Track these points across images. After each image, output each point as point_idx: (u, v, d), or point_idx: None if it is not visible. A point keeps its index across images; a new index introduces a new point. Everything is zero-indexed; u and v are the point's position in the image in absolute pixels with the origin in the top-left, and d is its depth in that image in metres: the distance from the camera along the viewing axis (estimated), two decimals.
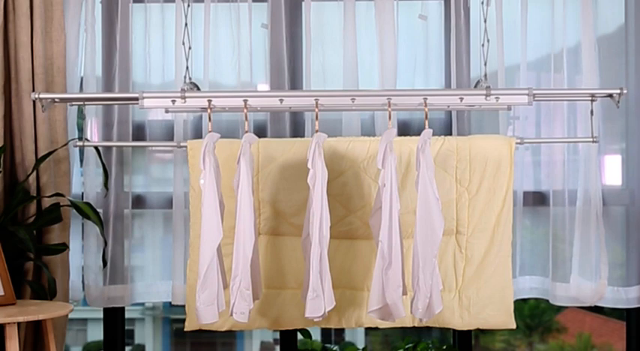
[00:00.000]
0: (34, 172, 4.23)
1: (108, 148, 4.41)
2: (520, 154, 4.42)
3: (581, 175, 4.41)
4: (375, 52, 4.43)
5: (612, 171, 4.55)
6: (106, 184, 4.29)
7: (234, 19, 4.45)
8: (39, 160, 4.18)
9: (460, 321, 4.18)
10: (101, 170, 4.27)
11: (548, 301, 4.48)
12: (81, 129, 4.35)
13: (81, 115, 4.28)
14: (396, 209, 3.68)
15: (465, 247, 4.16)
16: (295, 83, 4.50)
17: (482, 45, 4.23)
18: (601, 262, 4.39)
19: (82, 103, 4.20)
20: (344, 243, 4.16)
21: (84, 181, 4.46)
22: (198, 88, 4.29)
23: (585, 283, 4.41)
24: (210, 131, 3.78)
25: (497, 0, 4.38)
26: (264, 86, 4.51)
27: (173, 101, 3.91)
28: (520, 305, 7.62)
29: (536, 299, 4.59)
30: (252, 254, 3.69)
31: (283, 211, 4.15)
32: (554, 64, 4.44)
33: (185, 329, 4.19)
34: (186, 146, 4.20)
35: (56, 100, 4.11)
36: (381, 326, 4.18)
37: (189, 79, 4.25)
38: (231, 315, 3.71)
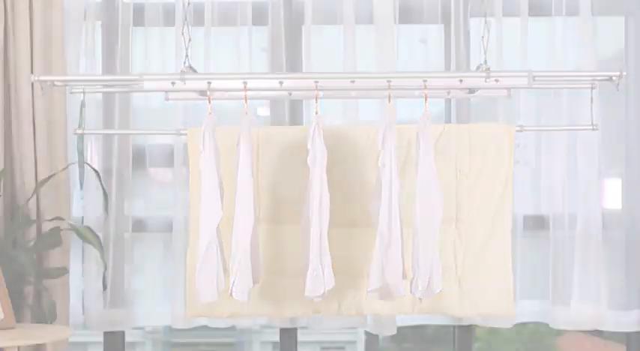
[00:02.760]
0: (34, 196, 4.22)
1: (108, 173, 4.42)
2: (520, 177, 4.42)
3: (581, 198, 4.41)
4: None
5: (612, 194, 4.55)
6: (106, 208, 4.28)
7: (234, 42, 4.46)
8: (39, 184, 4.18)
9: (460, 309, 4.15)
10: (101, 194, 4.26)
11: (548, 324, 4.47)
12: (81, 152, 4.34)
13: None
14: (395, 190, 3.68)
15: (465, 235, 4.14)
16: (295, 106, 4.50)
17: (482, 37, 4.08)
18: (601, 286, 4.39)
19: (81, 90, 4.14)
20: (344, 231, 4.13)
21: (84, 204, 4.45)
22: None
23: (585, 306, 4.41)
24: (209, 113, 3.76)
25: (498, 24, 4.40)
26: (264, 109, 4.52)
27: (173, 83, 3.90)
28: (520, 329, 7.59)
29: (535, 323, 4.57)
30: (251, 235, 3.69)
31: (283, 199, 4.13)
32: None
33: (185, 317, 4.18)
34: (186, 134, 4.16)
35: (56, 82, 4.03)
36: (381, 312, 4.17)
37: (189, 64, 4.21)
38: (231, 294, 3.69)
